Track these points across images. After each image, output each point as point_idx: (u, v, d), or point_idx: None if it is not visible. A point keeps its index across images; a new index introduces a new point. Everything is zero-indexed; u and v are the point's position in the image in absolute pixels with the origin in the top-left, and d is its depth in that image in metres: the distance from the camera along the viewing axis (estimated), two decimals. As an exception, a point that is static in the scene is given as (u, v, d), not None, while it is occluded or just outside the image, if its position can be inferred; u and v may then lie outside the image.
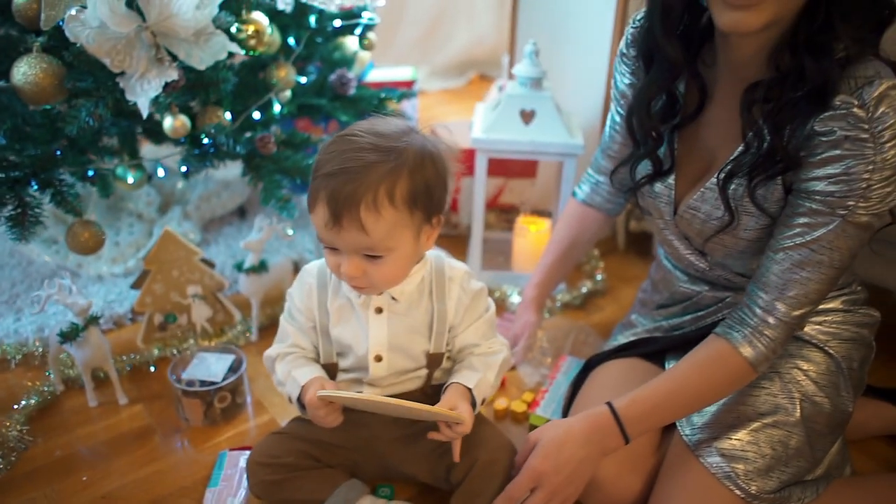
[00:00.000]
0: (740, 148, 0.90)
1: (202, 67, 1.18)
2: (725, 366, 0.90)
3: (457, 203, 1.81)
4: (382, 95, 1.68)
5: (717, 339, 0.91)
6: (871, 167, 0.79)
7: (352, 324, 0.98)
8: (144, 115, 1.14)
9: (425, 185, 0.87)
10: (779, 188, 0.88)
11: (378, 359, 0.97)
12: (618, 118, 1.13)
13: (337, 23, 1.52)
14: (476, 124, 1.52)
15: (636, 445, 1.01)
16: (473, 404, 0.94)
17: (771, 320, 0.88)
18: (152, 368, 1.34)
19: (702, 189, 0.97)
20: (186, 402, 1.19)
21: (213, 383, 1.19)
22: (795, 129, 0.83)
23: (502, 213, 1.83)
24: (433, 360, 1.00)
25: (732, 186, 0.91)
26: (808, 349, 1.00)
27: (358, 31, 1.56)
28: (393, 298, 0.96)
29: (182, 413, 1.22)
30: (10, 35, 1.25)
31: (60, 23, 1.10)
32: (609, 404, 0.92)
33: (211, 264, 1.41)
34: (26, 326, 1.43)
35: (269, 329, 1.44)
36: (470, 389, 0.94)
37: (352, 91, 1.61)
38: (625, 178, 1.07)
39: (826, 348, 1.00)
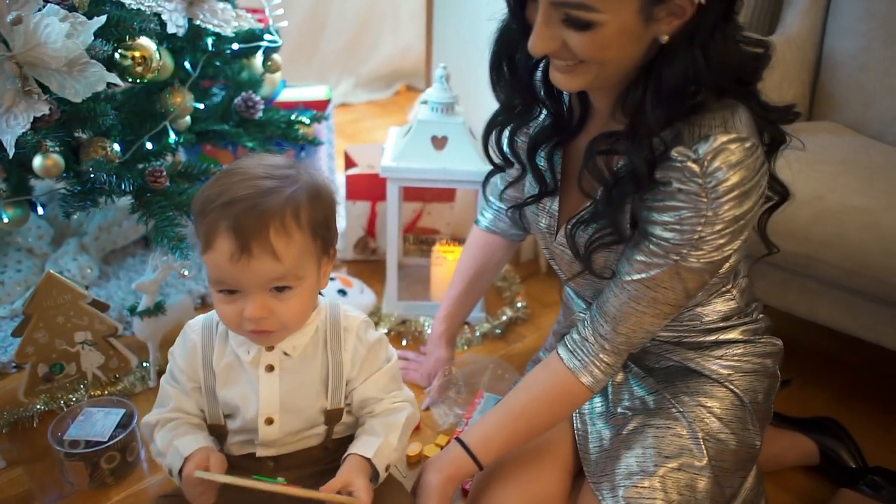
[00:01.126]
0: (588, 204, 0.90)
1: (78, 100, 1.08)
2: (569, 394, 0.94)
3: (374, 228, 1.75)
4: (293, 117, 1.60)
5: (560, 367, 0.94)
6: (703, 220, 0.79)
7: (241, 384, 0.90)
8: (10, 153, 1.04)
9: (323, 213, 0.85)
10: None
11: (269, 421, 0.90)
12: None
13: (236, 46, 1.44)
14: (387, 151, 1.46)
15: (547, 494, 0.98)
16: (377, 474, 0.88)
17: (608, 346, 0.91)
18: (35, 424, 1.23)
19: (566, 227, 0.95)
20: (69, 465, 1.09)
21: (99, 443, 1.10)
22: (633, 202, 0.82)
23: (420, 240, 1.78)
24: (331, 417, 0.94)
25: (582, 234, 0.91)
26: (710, 385, 0.99)
27: (260, 53, 1.48)
28: (285, 354, 0.89)
29: (66, 476, 1.12)
30: None
31: (-90, 53, 0.99)
32: (466, 449, 0.95)
33: (103, 307, 1.31)
34: None
35: (169, 374, 1.35)
36: (369, 459, 0.88)
37: (259, 114, 1.53)
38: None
39: (727, 384, 0.98)
